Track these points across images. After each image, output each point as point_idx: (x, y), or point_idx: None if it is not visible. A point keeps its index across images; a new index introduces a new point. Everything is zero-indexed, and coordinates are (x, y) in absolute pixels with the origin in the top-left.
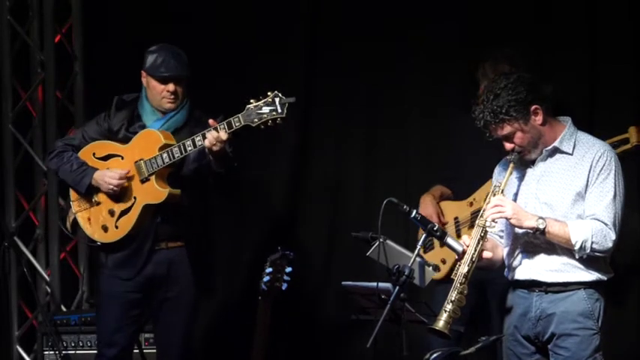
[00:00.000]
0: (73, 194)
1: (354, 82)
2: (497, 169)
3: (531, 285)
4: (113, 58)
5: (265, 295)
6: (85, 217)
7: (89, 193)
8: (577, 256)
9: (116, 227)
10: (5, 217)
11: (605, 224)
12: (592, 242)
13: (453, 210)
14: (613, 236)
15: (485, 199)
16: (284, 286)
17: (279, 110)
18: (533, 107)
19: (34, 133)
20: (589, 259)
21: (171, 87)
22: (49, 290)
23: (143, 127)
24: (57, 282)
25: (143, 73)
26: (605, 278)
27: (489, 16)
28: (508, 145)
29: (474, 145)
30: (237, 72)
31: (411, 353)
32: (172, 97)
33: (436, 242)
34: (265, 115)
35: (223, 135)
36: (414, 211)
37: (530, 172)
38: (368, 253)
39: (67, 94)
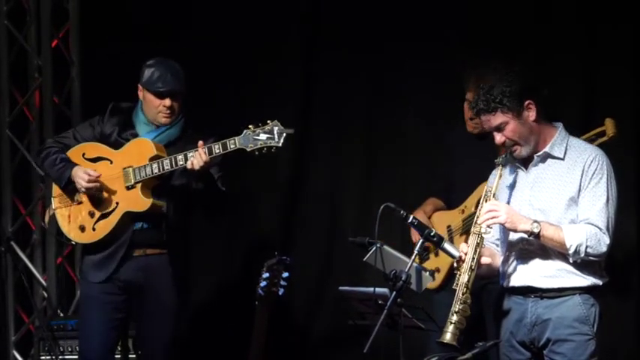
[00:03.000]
0: (55, 190)
1: (352, 87)
2: (491, 175)
3: (527, 291)
4: (110, 64)
5: (262, 300)
6: (64, 214)
7: (72, 190)
8: (571, 260)
9: (93, 229)
10: (2, 222)
11: (599, 228)
12: (586, 246)
13: (445, 220)
14: (607, 240)
15: (476, 205)
16: (281, 291)
17: (277, 139)
18: (527, 102)
19: (31, 138)
20: (584, 264)
21: (167, 102)
22: (45, 295)
23: (135, 135)
24: (54, 287)
25: (139, 87)
26: (600, 283)
27: (488, 19)
28: (499, 138)
29: (466, 154)
30: (235, 76)
31: (408, 358)
32: (168, 112)
33: (431, 252)
34: (261, 142)
35: (204, 157)
36: (411, 217)
37: (523, 179)
38: (365, 259)
39: (64, 99)
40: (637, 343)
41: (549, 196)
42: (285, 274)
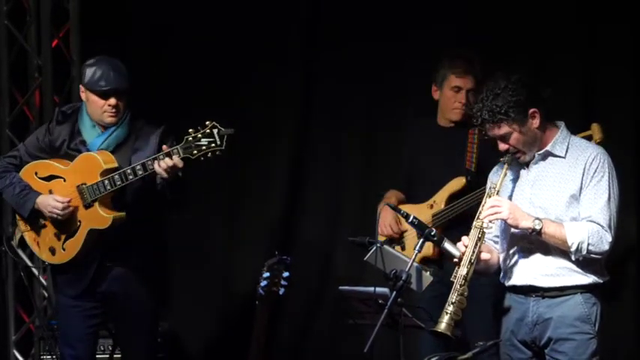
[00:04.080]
0: None
1: (352, 87)
2: (492, 172)
3: (528, 290)
4: None
5: (263, 299)
6: (31, 237)
7: (34, 216)
8: (573, 258)
9: (63, 249)
10: (2, 222)
11: (601, 226)
12: (588, 244)
13: (414, 213)
14: (609, 238)
15: (446, 201)
16: (281, 291)
17: (218, 142)
18: (532, 110)
19: None
20: (585, 262)
21: (112, 101)
22: (46, 295)
23: (84, 143)
24: (52, 283)
25: (82, 88)
26: (601, 281)
27: (488, 18)
28: (502, 146)
29: (431, 148)
30: (236, 76)
31: (408, 358)
32: (114, 111)
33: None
34: (204, 147)
35: (179, 162)
36: (412, 216)
37: (524, 177)
38: (365, 258)
39: (64, 99)
40: (637, 342)
41: (550, 194)
42: (286, 274)
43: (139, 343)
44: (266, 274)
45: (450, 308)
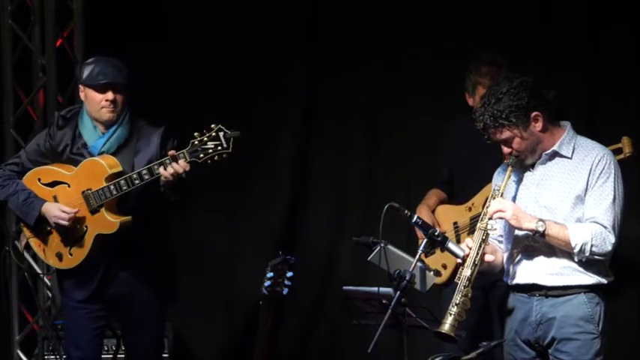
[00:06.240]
0: None
1: (355, 86)
2: (496, 173)
3: (531, 289)
4: None
5: (266, 299)
6: (37, 243)
7: (39, 223)
8: (576, 259)
9: (70, 255)
10: (6, 221)
11: (605, 227)
12: (591, 245)
13: (452, 215)
14: (612, 239)
15: (484, 204)
16: (285, 291)
17: (225, 145)
18: (534, 114)
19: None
20: (589, 263)
21: (110, 95)
22: (49, 295)
23: (85, 145)
24: (57, 286)
25: (81, 88)
26: (605, 282)
27: (490, 17)
28: (506, 149)
29: (472, 148)
30: (237, 76)
31: (412, 358)
32: (112, 106)
33: (436, 247)
34: (211, 151)
35: (185, 166)
36: (415, 216)
37: (530, 176)
38: (369, 258)
39: (68, 99)
40: None
41: (556, 194)
42: (289, 274)
43: (145, 344)
44: (270, 274)
45: (453, 309)
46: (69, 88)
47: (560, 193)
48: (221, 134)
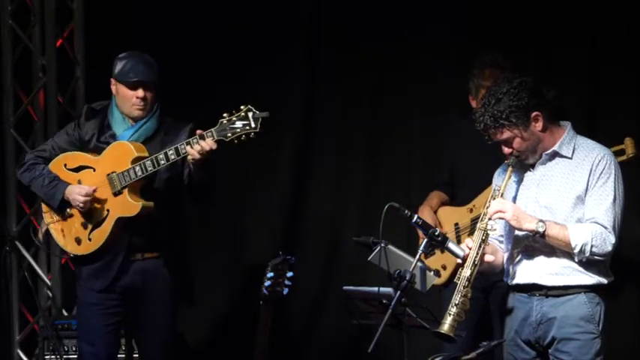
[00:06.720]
0: (44, 206)
1: (355, 86)
2: (496, 173)
3: (532, 289)
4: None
5: (266, 299)
6: (57, 228)
7: (63, 206)
8: (577, 260)
9: (89, 240)
10: (6, 222)
11: (605, 227)
12: (592, 245)
13: (453, 216)
14: (613, 240)
15: (485, 205)
16: (285, 291)
17: (253, 125)
18: (534, 114)
19: (35, 138)
20: (589, 263)
21: (140, 93)
22: (50, 294)
23: (113, 136)
24: (58, 286)
25: (112, 81)
26: (605, 282)
27: (490, 18)
28: (506, 150)
29: (474, 150)
30: (237, 76)
31: (412, 358)
32: (142, 103)
33: (437, 248)
34: (239, 130)
35: (213, 144)
36: (416, 216)
37: (530, 176)
38: (369, 258)
39: (68, 99)
40: None
41: (556, 194)
42: (290, 274)
43: (157, 342)
44: (270, 274)
45: (453, 310)
46: (69, 88)
47: (560, 193)
48: (250, 114)
